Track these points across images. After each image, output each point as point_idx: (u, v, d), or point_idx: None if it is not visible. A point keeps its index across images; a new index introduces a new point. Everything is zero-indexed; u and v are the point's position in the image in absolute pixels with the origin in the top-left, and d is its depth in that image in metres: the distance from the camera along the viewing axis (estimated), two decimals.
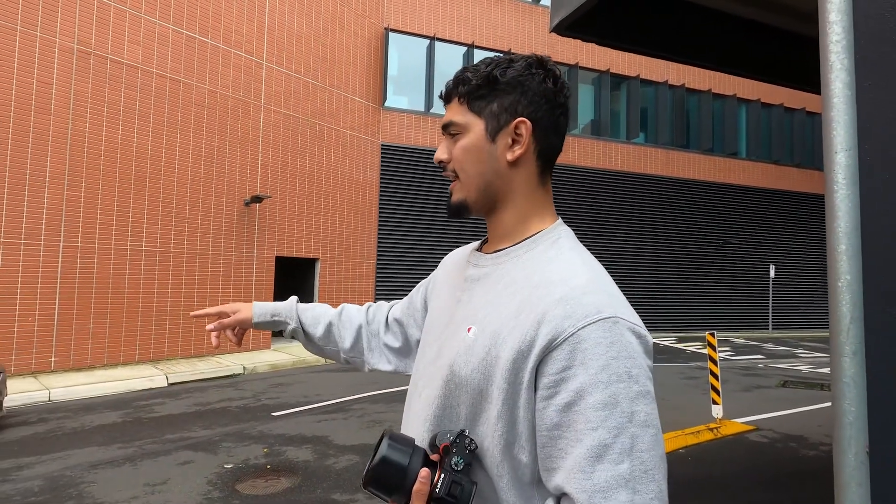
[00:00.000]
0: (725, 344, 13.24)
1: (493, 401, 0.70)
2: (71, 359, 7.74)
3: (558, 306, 0.67)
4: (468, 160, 0.80)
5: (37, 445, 4.70)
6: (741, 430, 5.34)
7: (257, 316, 1.10)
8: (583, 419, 0.63)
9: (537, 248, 0.78)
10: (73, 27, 7.80)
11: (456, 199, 0.82)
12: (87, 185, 7.93)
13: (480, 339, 0.73)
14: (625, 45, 3.11)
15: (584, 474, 0.62)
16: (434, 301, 0.95)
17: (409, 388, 0.90)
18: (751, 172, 16.93)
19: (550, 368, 0.65)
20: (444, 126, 0.82)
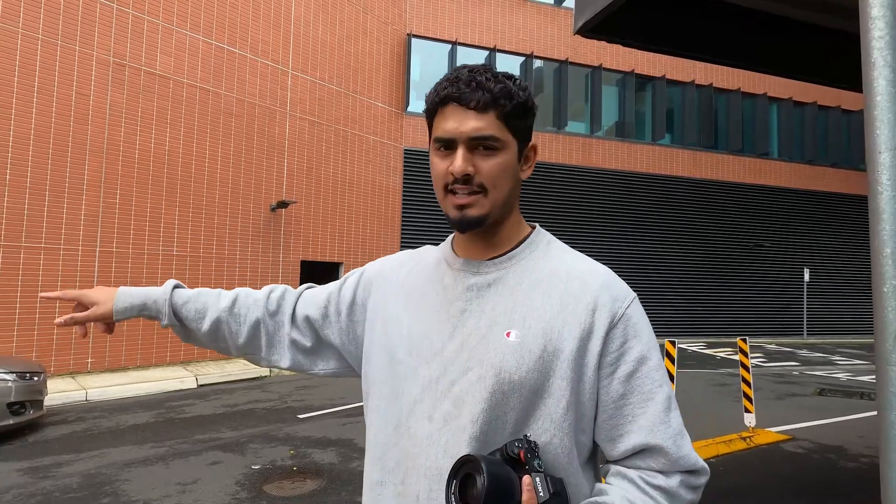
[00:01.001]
0: (757, 350, 12.83)
1: (553, 395, 0.74)
2: (106, 360, 8.02)
3: (604, 293, 0.78)
4: (505, 179, 0.80)
5: (75, 443, 4.87)
6: (776, 439, 5.16)
7: (120, 312, 0.94)
8: (649, 380, 0.76)
9: (537, 249, 0.85)
10: (109, 41, 8.11)
11: (478, 213, 0.78)
12: (121, 191, 8.22)
13: (529, 340, 0.75)
14: (651, 46, 3.06)
15: (665, 424, 0.74)
16: (406, 321, 0.85)
17: (399, 413, 0.81)
18: (783, 173, 16.42)
19: (611, 346, 0.76)
20: (481, 138, 0.77)
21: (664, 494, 0.73)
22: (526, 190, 9.96)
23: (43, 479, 3.98)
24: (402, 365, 0.83)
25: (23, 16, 7.28)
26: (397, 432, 0.81)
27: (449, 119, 0.78)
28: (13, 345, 7.13)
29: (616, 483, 0.75)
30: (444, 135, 0.78)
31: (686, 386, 7.71)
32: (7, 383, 4.83)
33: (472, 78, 0.78)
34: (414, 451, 0.78)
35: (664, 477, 0.74)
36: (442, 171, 0.79)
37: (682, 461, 0.74)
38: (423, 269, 0.91)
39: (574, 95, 14.78)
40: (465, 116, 0.77)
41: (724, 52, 3.15)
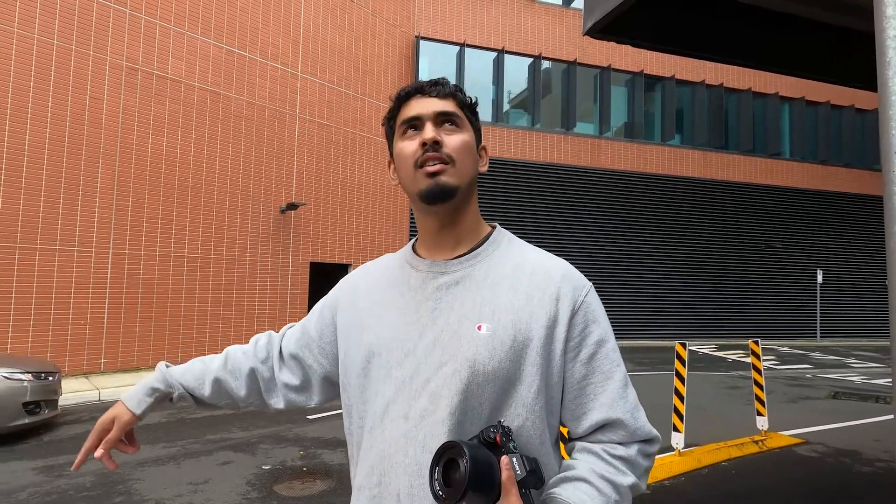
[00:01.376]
0: (770, 353, 12.68)
1: (525, 381, 0.79)
2: (119, 360, 8.11)
3: (565, 283, 0.84)
4: (468, 155, 0.87)
5: None
6: (789, 443, 5.09)
7: (137, 407, 0.97)
8: (608, 361, 0.83)
9: (500, 246, 0.90)
10: (122, 45, 8.23)
11: (450, 181, 0.83)
12: (134, 194, 8.33)
13: (500, 331, 0.79)
14: (661, 47, 3.04)
15: (624, 399, 0.82)
16: (377, 328, 0.87)
17: (374, 416, 0.83)
18: (795, 173, 16.23)
19: (574, 332, 0.82)
20: (444, 113, 0.85)
21: (625, 463, 0.80)
22: (534, 190, 9.94)
23: (58, 477, 4.04)
24: (375, 369, 0.85)
25: (38, 22, 7.42)
26: (371, 435, 0.83)
27: (414, 106, 0.87)
28: (28, 345, 7.25)
29: (582, 458, 0.81)
30: (410, 114, 0.86)
31: (696, 388, 7.63)
32: (23, 383, 4.91)
33: (431, 80, 0.90)
34: (390, 452, 0.79)
35: (624, 448, 0.81)
36: (411, 149, 0.85)
37: (639, 432, 0.81)
38: (385, 276, 0.94)
39: (582, 96, 14.72)
40: (429, 102, 0.86)
41: (735, 51, 3.12)
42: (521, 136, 14.00)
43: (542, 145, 14.11)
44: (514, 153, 13.85)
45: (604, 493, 0.75)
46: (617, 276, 14.33)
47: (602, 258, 14.25)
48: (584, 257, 14.06)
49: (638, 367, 10.21)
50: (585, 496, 0.74)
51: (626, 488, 0.78)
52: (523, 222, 13.60)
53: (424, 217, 0.90)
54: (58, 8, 7.60)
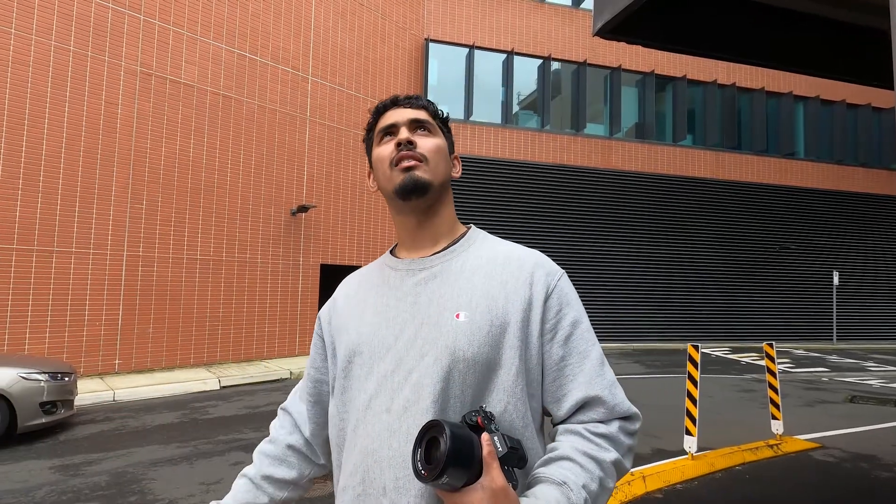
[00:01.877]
0: (784, 355, 12.48)
1: (505, 364, 0.81)
2: (133, 361, 8.22)
3: (538, 269, 0.88)
4: (441, 156, 0.92)
5: (103, 442, 5.01)
6: (804, 447, 5.01)
7: None
8: (583, 341, 0.85)
9: (475, 242, 0.94)
10: (136, 51, 8.36)
11: (423, 176, 0.88)
12: (148, 197, 8.44)
13: (478, 317, 0.82)
14: (672, 46, 3.01)
15: (601, 377, 0.84)
16: (357, 329, 0.89)
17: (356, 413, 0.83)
18: (810, 173, 15.98)
19: (549, 315, 0.85)
20: (418, 120, 0.93)
21: (607, 440, 0.81)
22: (544, 192, 9.90)
23: (73, 476, 4.10)
24: (356, 367, 0.86)
25: (56, 29, 7.56)
26: (355, 433, 0.83)
27: (390, 116, 0.95)
28: (45, 346, 7.37)
29: (564, 438, 0.82)
30: (387, 123, 0.94)
31: (710, 391, 7.54)
32: (40, 383, 4.99)
33: (406, 95, 0.97)
34: (373, 447, 0.80)
35: (605, 425, 0.82)
36: (388, 150, 0.91)
37: (617, 408, 0.83)
38: (365, 281, 0.97)
39: (593, 97, 14.65)
40: (404, 111, 0.94)
41: (749, 50, 3.08)
42: (531, 137, 13.96)
43: (552, 146, 14.06)
44: (523, 155, 13.82)
45: (587, 469, 0.77)
46: (629, 277, 14.21)
47: (613, 259, 14.15)
48: (596, 259, 13.97)
49: (649, 370, 10.12)
50: (569, 472, 0.75)
51: (609, 464, 0.79)
52: (534, 224, 13.56)
53: (402, 216, 0.94)
54: (74, 15, 7.74)
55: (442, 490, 0.70)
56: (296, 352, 10.33)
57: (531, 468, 0.79)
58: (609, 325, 13.83)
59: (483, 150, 13.52)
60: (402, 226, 0.94)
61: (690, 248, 14.80)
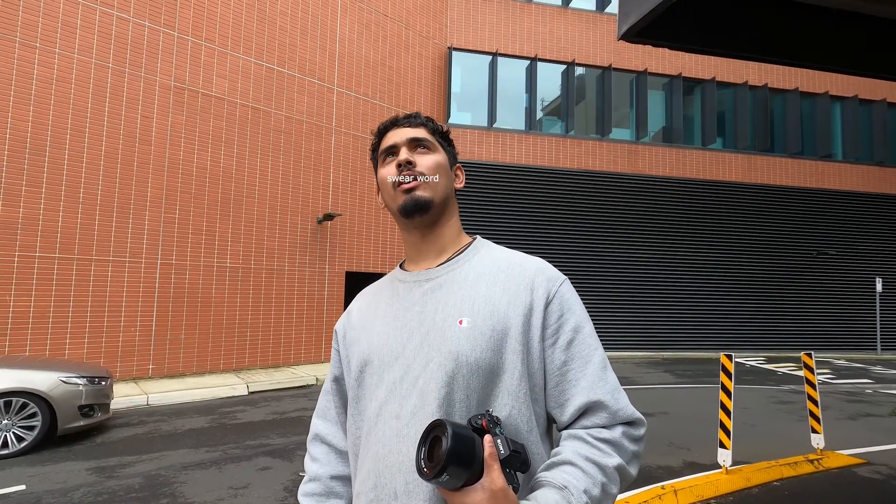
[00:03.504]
0: (824, 366, 11.96)
1: (508, 368, 0.83)
2: (165, 366, 8.46)
3: (539, 275, 0.89)
4: (441, 172, 0.96)
5: (137, 445, 5.15)
6: (848, 463, 4.76)
7: None
8: (585, 346, 0.86)
9: (479, 251, 0.96)
10: (171, 67, 8.68)
11: (424, 195, 0.92)
12: (180, 207, 8.72)
13: (480, 323, 0.84)
14: (702, 48, 2.93)
15: (603, 381, 0.84)
16: (368, 339, 0.92)
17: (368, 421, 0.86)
18: (849, 176, 15.35)
19: (550, 320, 0.86)
20: (417, 139, 0.96)
21: (610, 446, 0.80)
22: (569, 197, 9.77)
23: (109, 478, 4.22)
24: (368, 376, 0.89)
25: (96, 48, 7.92)
26: (367, 440, 0.86)
27: (390, 137, 0.98)
28: (84, 351, 7.66)
29: (567, 444, 0.82)
30: (388, 144, 0.97)
31: (745, 403, 7.27)
32: (79, 387, 5.18)
33: (405, 115, 1.00)
34: (383, 452, 0.82)
35: (608, 430, 0.82)
36: (390, 172, 0.95)
37: (620, 413, 0.83)
38: (376, 294, 1.01)
39: (618, 102, 14.46)
40: (403, 131, 0.97)
41: (789, 52, 2.95)
42: (555, 143, 13.86)
43: (577, 152, 13.92)
44: (547, 161, 13.72)
45: (589, 474, 0.76)
46: (658, 284, 13.89)
47: (642, 266, 13.86)
48: (624, 265, 13.71)
49: (680, 379, 9.83)
50: (570, 477, 0.76)
51: (611, 469, 0.79)
52: (560, 230, 13.42)
53: (407, 232, 0.98)
54: (113, 35, 8.10)
55: (443, 489, 0.71)
56: (321, 358, 10.44)
57: (535, 472, 0.80)
58: (638, 333, 13.52)
59: (507, 156, 13.49)
60: (408, 241, 0.99)
61: (722, 254, 14.37)
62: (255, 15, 9.75)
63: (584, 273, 13.33)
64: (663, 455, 4.86)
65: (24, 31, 7.30)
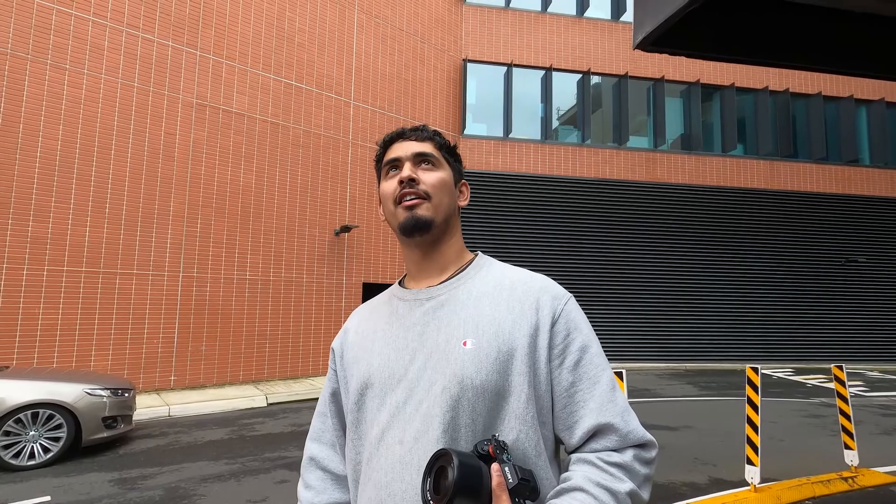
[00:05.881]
0: (856, 378, 11.52)
1: (515, 391, 0.80)
2: (187, 378, 8.58)
3: (544, 293, 0.87)
4: (444, 191, 0.93)
5: (158, 457, 5.21)
6: (885, 481, 4.55)
7: None
8: (593, 366, 0.83)
9: (482, 269, 0.94)
10: (193, 84, 8.92)
11: (425, 214, 0.90)
12: (202, 221, 8.90)
13: (485, 344, 0.81)
14: (720, 56, 2.87)
15: (613, 403, 0.81)
16: (367, 361, 0.89)
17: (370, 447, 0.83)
18: (877, 181, 14.91)
19: (557, 339, 0.84)
20: (422, 154, 0.94)
21: (621, 469, 0.78)
22: (590, 207, 9.69)
23: (130, 489, 4.27)
24: (369, 399, 0.86)
25: (122, 68, 8.19)
26: (369, 466, 0.83)
27: (395, 149, 0.96)
28: (108, 362, 7.82)
29: (577, 468, 0.79)
30: (392, 156, 0.96)
31: (773, 417, 7.04)
32: (102, 399, 5.28)
33: (413, 127, 0.99)
34: (386, 480, 0.79)
35: (619, 454, 0.79)
36: (392, 187, 0.94)
37: (631, 435, 0.80)
38: (374, 312, 0.97)
39: (635, 110, 14.35)
40: (409, 144, 0.96)
41: (805, 55, 2.89)
42: (572, 152, 13.79)
43: (594, 161, 13.82)
44: (563, 170, 13.65)
45: (600, 500, 0.73)
46: (680, 293, 13.62)
47: (663, 275, 13.62)
48: (645, 275, 13.49)
49: (704, 391, 9.58)
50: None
51: (623, 495, 0.76)
52: (576, 239, 13.29)
53: (408, 249, 0.96)
54: (139, 55, 8.37)
55: None
56: None
57: (544, 498, 0.77)
58: (659, 343, 13.24)
59: (523, 167, 13.46)
60: (409, 257, 0.97)
61: (746, 262, 14.04)
62: (275, 32, 9.98)
63: (603, 283, 13.16)
64: (688, 471, 4.71)
65: (54, 54, 7.59)
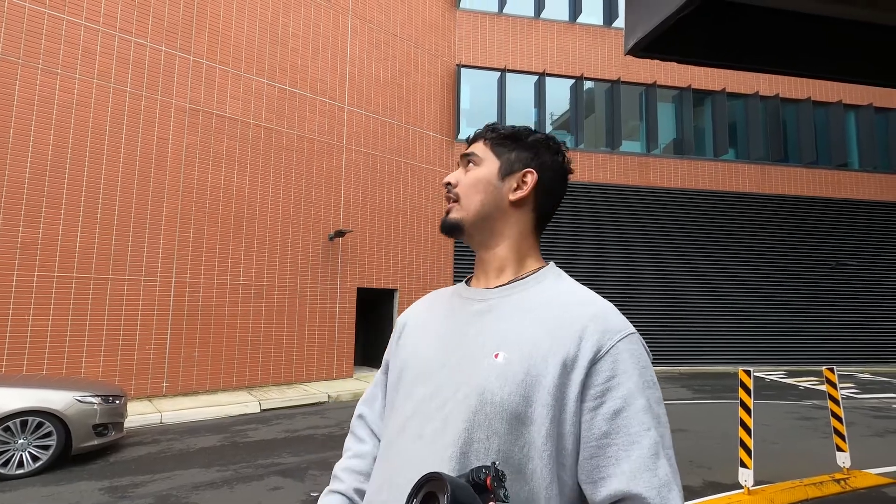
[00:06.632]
0: (848, 380, 11.61)
1: (535, 422, 0.73)
2: (179, 384, 8.50)
3: (593, 323, 0.77)
4: (474, 188, 0.90)
5: (150, 464, 5.15)
6: (877, 482, 4.58)
7: None
8: (636, 422, 0.71)
9: (545, 281, 0.88)
10: (186, 89, 8.89)
11: (453, 217, 0.90)
12: (195, 226, 8.84)
13: (515, 362, 0.76)
14: (711, 62, 2.90)
15: (651, 472, 0.69)
16: (414, 346, 0.91)
17: (392, 431, 0.83)
18: (866, 185, 15.09)
19: (596, 379, 0.73)
20: (464, 155, 0.95)
21: None
22: (583, 211, 9.74)
23: (121, 498, 4.22)
24: (403, 385, 0.87)
25: (114, 73, 8.16)
26: (388, 451, 0.83)
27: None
28: (100, 369, 7.73)
29: None
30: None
31: (766, 419, 7.07)
32: (93, 406, 5.21)
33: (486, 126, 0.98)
34: (394, 470, 0.79)
35: None
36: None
37: None
38: (436, 303, 0.98)
39: (628, 114, 14.45)
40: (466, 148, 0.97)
41: (796, 62, 2.93)
42: None
43: (587, 165, 13.89)
44: None
45: None
46: (673, 297, 13.69)
47: (655, 279, 13.69)
48: (637, 278, 13.55)
49: (698, 395, 9.61)
50: None
51: None
52: (568, 243, 13.33)
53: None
54: (131, 60, 8.34)
55: None
56: (333, 375, 10.42)
57: None
58: (653, 347, 13.26)
59: None
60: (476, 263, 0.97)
61: (738, 266, 14.14)
62: (268, 37, 9.98)
63: (595, 287, 13.10)
64: (683, 474, 4.72)
65: (45, 59, 7.55)
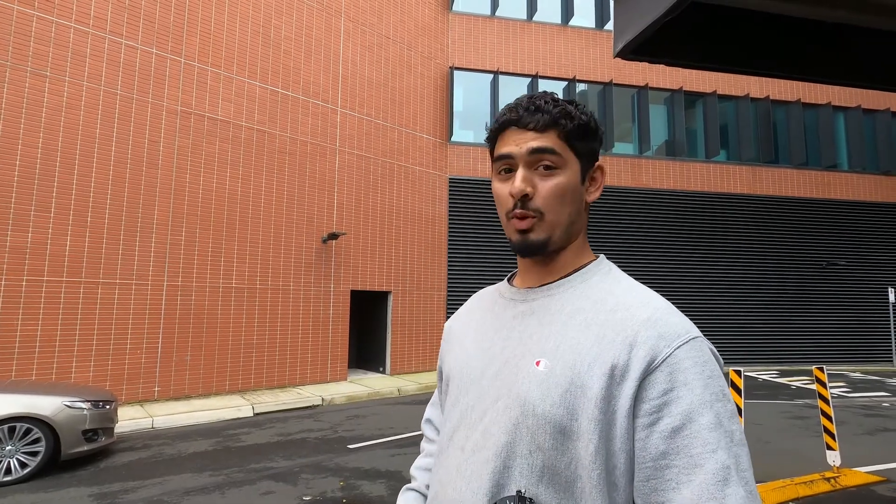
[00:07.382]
0: (839, 379, 11.71)
1: (582, 437, 0.65)
2: (171, 388, 8.43)
3: (647, 328, 0.67)
4: (563, 201, 0.76)
5: (141, 470, 5.10)
6: (866, 480, 4.62)
7: None
8: (699, 442, 0.61)
9: (593, 278, 0.78)
10: (177, 92, 8.85)
11: (537, 237, 0.76)
12: (186, 229, 8.79)
13: (558, 371, 0.69)
14: (700, 65, 2.93)
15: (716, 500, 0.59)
16: (456, 353, 0.87)
17: (442, 441, 0.82)
18: (855, 186, 15.25)
19: (651, 393, 0.64)
20: (540, 151, 0.75)
21: None
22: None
23: None
24: (452, 391, 0.84)
25: (104, 76, 8.10)
26: (440, 458, 0.81)
27: (509, 141, 0.78)
28: (90, 374, 7.66)
29: None
30: (504, 151, 0.78)
31: (757, 419, 7.12)
32: (83, 411, 5.16)
33: (532, 103, 0.78)
34: (444, 482, 0.77)
35: None
36: (503, 195, 0.79)
37: None
38: (480, 303, 0.92)
39: (620, 116, 14.54)
40: (525, 137, 0.76)
41: (783, 64, 2.95)
42: None
43: None
44: None
45: None
46: (664, 297, 13.73)
47: (648, 280, 13.73)
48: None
49: None
50: None
51: None
52: None
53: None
54: (122, 62, 8.29)
55: None
56: (327, 378, 10.37)
57: None
58: None
59: None
60: (520, 260, 0.85)
61: (729, 266, 14.24)
62: (260, 40, 9.95)
63: None
64: None
65: (35, 61, 7.48)
